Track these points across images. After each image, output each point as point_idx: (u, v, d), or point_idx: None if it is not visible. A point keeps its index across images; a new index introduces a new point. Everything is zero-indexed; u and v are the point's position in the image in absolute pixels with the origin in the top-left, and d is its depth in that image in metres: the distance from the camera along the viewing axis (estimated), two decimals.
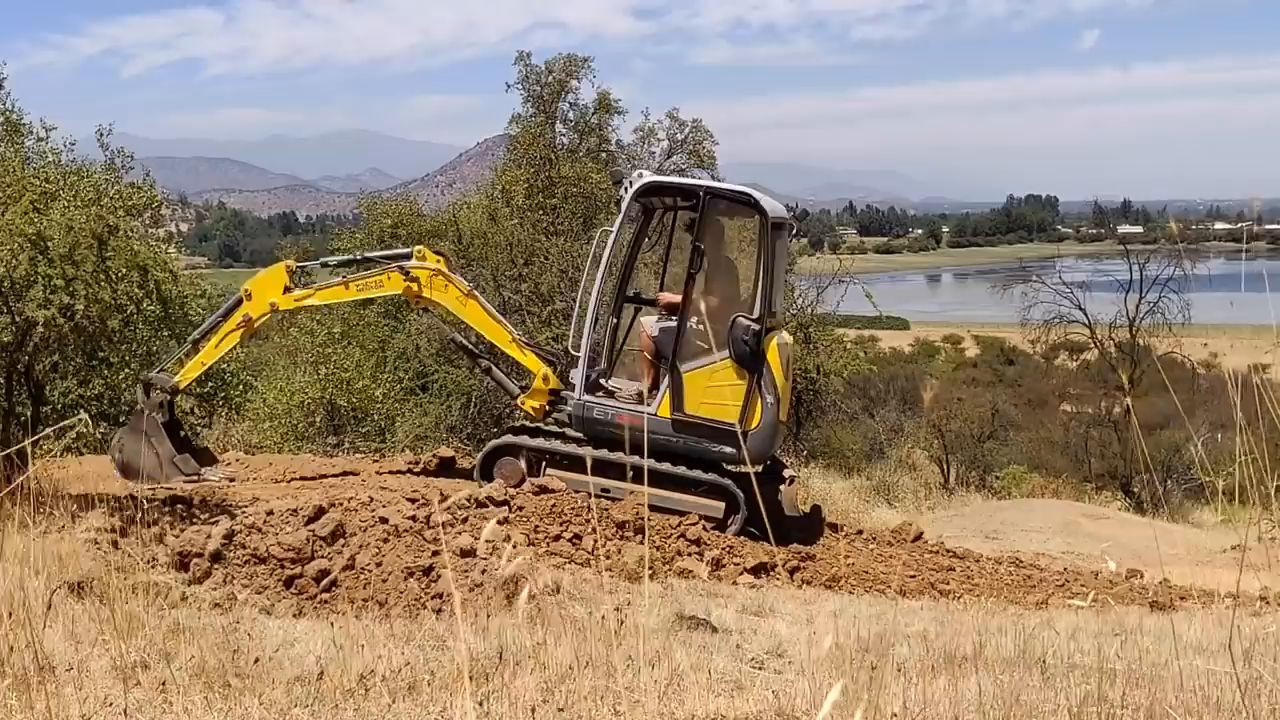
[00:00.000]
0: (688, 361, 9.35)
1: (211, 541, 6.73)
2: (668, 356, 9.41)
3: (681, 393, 9.32)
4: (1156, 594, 9.08)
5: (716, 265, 9.76)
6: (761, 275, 9.44)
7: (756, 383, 9.26)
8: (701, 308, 9.47)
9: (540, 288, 17.45)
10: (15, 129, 8.87)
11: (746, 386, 9.24)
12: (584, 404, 9.56)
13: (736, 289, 9.70)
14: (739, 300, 9.61)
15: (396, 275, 9.95)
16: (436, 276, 9.97)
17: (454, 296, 10.05)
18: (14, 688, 3.20)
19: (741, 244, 10.39)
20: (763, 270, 9.43)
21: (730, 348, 9.22)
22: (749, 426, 9.23)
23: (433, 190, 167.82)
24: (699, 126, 21.56)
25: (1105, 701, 3.24)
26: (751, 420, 9.26)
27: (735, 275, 9.82)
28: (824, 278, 21.28)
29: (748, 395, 9.23)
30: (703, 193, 9.61)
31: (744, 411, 9.20)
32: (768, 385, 9.30)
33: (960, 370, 51.90)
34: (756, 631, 5.40)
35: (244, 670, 3.98)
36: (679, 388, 9.33)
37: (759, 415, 9.28)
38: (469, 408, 17.22)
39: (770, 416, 9.30)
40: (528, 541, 7.79)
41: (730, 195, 9.83)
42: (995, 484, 24.06)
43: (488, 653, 4.27)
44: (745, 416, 9.21)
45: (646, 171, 10.50)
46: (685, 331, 9.38)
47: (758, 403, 9.27)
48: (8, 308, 7.30)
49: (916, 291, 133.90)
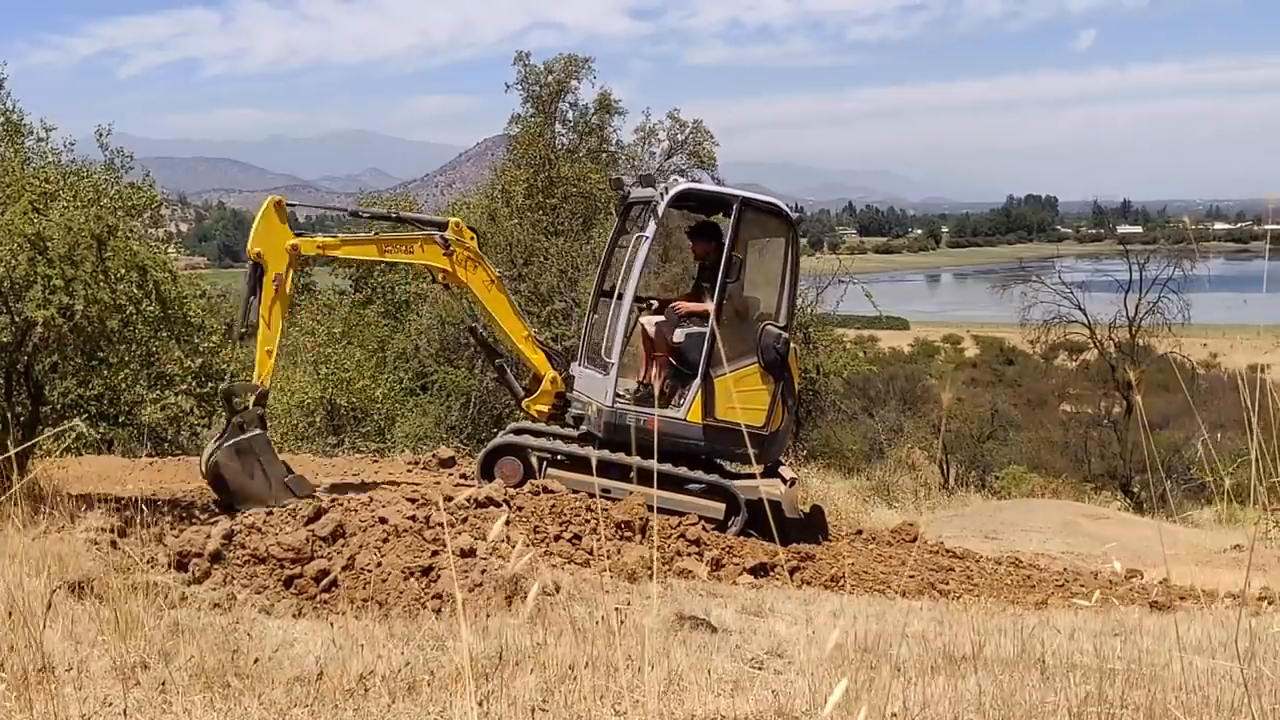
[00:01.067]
0: (719, 367, 9.47)
1: (211, 542, 6.73)
2: (694, 362, 9.47)
3: (713, 398, 9.44)
4: (1156, 594, 9.08)
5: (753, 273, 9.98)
6: (789, 283, 9.69)
7: (780, 388, 9.56)
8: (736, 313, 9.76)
9: (540, 288, 17.46)
10: (15, 129, 8.87)
11: (772, 392, 9.52)
12: (616, 410, 9.54)
13: (765, 296, 9.93)
14: (760, 307, 9.90)
15: (435, 246, 9.49)
16: (471, 256, 9.62)
17: (482, 280, 9.72)
18: (13, 688, 3.19)
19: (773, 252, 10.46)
20: (791, 279, 9.69)
21: (759, 355, 9.46)
22: (771, 430, 9.57)
23: (432, 190, 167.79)
24: (699, 127, 21.56)
25: (1105, 701, 3.24)
26: (774, 424, 9.59)
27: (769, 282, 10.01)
28: (824, 278, 21.27)
29: (773, 400, 9.52)
30: (738, 204, 9.63)
31: (769, 415, 9.50)
32: (788, 390, 9.71)
33: (960, 370, 51.92)
34: (756, 632, 5.40)
35: (244, 670, 3.98)
36: (710, 393, 9.44)
37: (780, 419, 9.67)
38: (469, 408, 17.23)
39: (788, 420, 9.78)
40: (527, 542, 7.79)
41: (763, 206, 9.96)
42: (995, 484, 24.06)
43: (487, 653, 4.27)
44: (769, 421, 9.52)
45: (680, 179, 10.49)
46: (717, 338, 9.47)
47: (780, 407, 9.63)
48: (7, 308, 7.30)
49: (916, 291, 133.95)
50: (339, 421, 16.00)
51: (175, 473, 10.74)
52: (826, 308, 21.30)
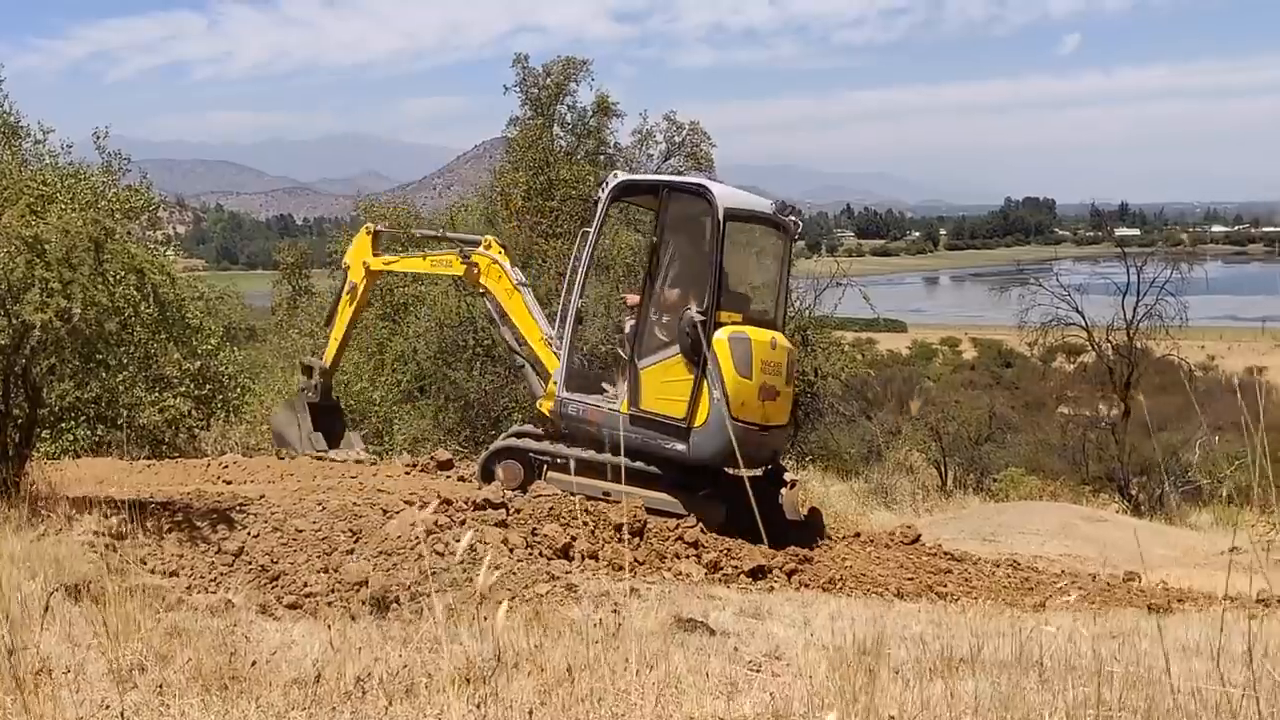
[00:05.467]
0: (645, 358, 9.37)
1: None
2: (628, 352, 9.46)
3: (639, 389, 9.34)
4: (1154, 596, 9.09)
5: (683, 260, 9.68)
6: (711, 268, 9.22)
7: (701, 377, 9.06)
8: (666, 303, 9.49)
9: (538, 290, 17.44)
10: (13, 131, 8.85)
11: (694, 381, 9.09)
12: (563, 400, 9.66)
13: (701, 284, 9.39)
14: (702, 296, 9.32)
15: (458, 258, 11.00)
16: (493, 265, 10.81)
17: (504, 287, 10.76)
18: (11, 690, 3.19)
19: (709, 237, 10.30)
20: (711, 262, 9.21)
21: (679, 342, 9.18)
22: (695, 423, 9.06)
23: (430, 193, 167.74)
24: (696, 129, 21.57)
25: (1103, 704, 3.24)
26: (697, 417, 9.07)
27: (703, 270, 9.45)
28: (821, 280, 21.28)
29: (693, 391, 9.08)
30: (662, 187, 9.73)
31: (690, 408, 9.06)
32: (714, 380, 9.02)
33: (958, 373, 51.94)
34: (754, 634, 5.40)
35: (241, 673, 3.97)
36: (637, 384, 9.36)
37: (705, 411, 9.05)
38: (467, 410, 17.22)
39: (718, 413, 8.96)
40: (525, 544, 7.78)
41: (684, 187, 9.92)
42: (993, 486, 24.04)
43: (484, 655, 4.26)
44: (690, 413, 9.06)
45: (620, 172, 10.76)
46: (644, 328, 9.41)
47: (702, 398, 9.06)
48: (4, 310, 7.28)
49: (914, 294, 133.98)
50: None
51: (173, 475, 10.73)
52: (824, 310, 21.31)
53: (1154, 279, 25.66)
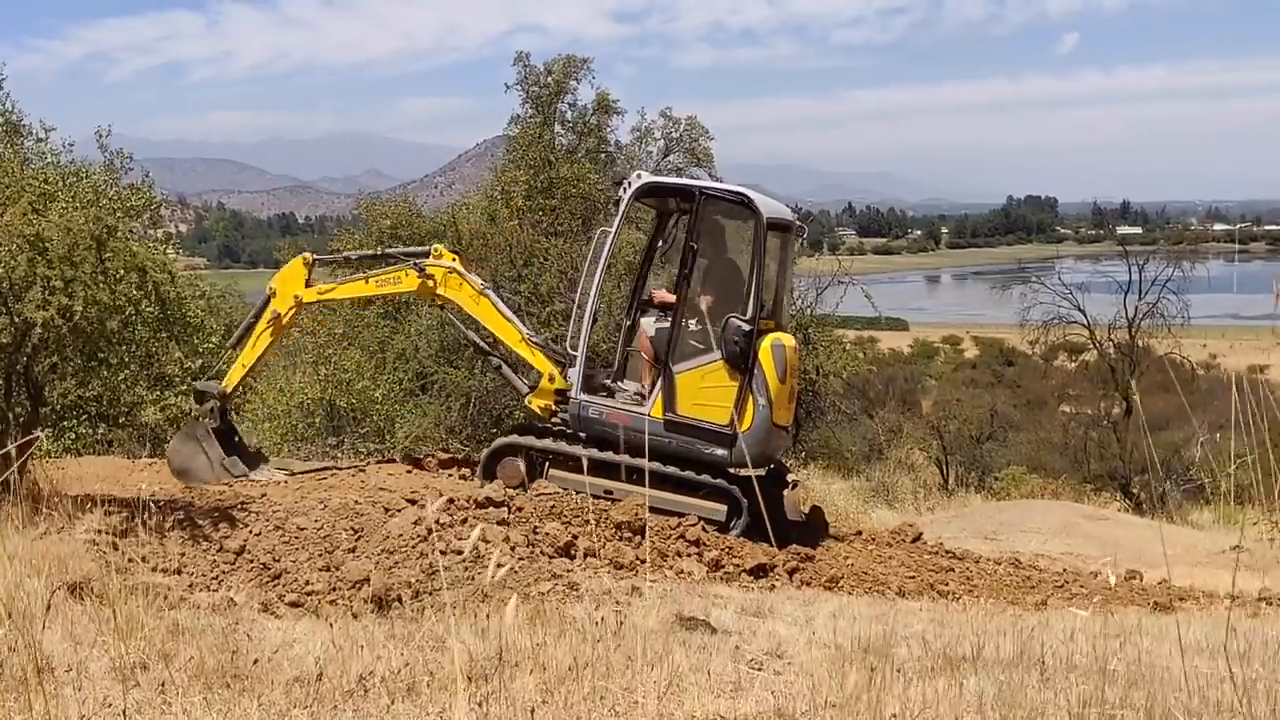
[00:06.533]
0: (681, 362, 9.36)
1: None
2: (662, 357, 9.42)
3: (674, 393, 9.32)
4: (1156, 595, 9.08)
5: (715, 266, 9.76)
6: (754, 276, 9.36)
7: (748, 384, 9.20)
8: (700, 308, 9.48)
9: (539, 288, 17.44)
10: (15, 130, 8.86)
11: (738, 388, 9.19)
12: (580, 403, 9.60)
13: (735, 290, 9.55)
14: (737, 302, 9.51)
15: (412, 272, 10.18)
16: (451, 274, 10.17)
17: (467, 294, 10.23)
18: (13, 689, 3.19)
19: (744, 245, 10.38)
20: (756, 271, 9.35)
21: (722, 349, 9.22)
22: (741, 429, 9.17)
23: (431, 191, 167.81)
24: (694, 124, 21.51)
25: (1105, 702, 3.24)
26: (743, 422, 9.20)
27: (736, 277, 9.69)
28: (823, 278, 21.24)
29: (739, 397, 9.19)
30: (698, 193, 9.65)
31: (735, 414, 9.17)
32: (759, 387, 9.20)
33: (959, 371, 51.92)
34: (756, 632, 5.40)
35: (243, 671, 3.97)
36: (671, 388, 9.33)
37: (750, 417, 9.22)
38: (469, 409, 17.21)
39: (763, 419, 9.20)
40: (526, 542, 7.78)
41: (726, 195, 9.81)
42: (994, 485, 24.03)
43: (487, 654, 4.27)
44: (735, 419, 9.17)
45: (645, 172, 10.51)
46: (679, 332, 9.39)
47: (749, 405, 9.21)
48: (6, 309, 7.29)
49: (916, 292, 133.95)
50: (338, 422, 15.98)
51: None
52: (826, 308, 21.28)
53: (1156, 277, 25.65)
